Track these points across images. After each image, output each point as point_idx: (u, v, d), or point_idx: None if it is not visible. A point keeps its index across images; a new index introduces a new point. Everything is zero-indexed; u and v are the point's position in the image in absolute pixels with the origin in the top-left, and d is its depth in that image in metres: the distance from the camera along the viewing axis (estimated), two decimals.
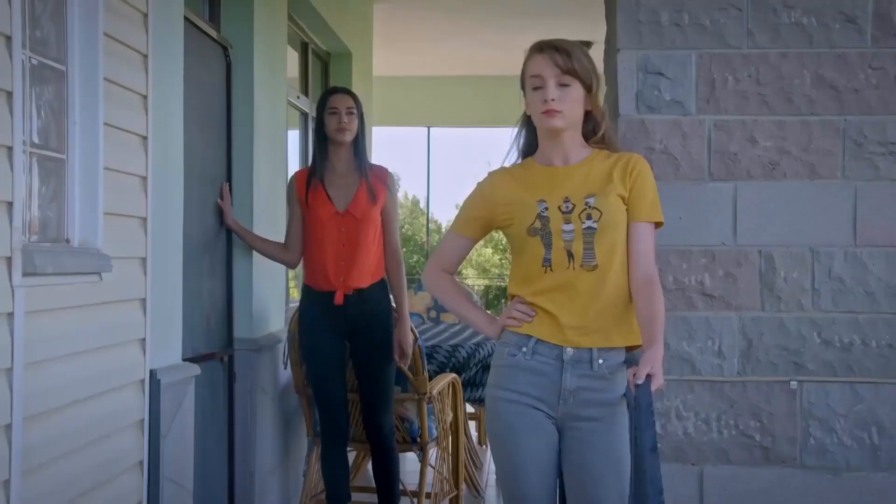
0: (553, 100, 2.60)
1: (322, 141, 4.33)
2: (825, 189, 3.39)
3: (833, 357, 3.39)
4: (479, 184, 2.77)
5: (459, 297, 2.82)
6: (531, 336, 2.63)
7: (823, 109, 3.39)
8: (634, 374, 2.43)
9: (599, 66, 2.74)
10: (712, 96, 3.40)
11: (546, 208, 2.63)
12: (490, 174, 2.76)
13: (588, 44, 2.71)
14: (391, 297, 4.35)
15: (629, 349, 2.62)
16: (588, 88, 2.62)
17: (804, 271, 3.39)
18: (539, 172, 2.68)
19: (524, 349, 2.63)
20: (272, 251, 4.41)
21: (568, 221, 2.60)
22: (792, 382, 3.40)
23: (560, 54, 2.61)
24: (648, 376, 2.41)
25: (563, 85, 2.60)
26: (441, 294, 2.83)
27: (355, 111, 4.32)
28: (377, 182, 4.29)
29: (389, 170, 4.43)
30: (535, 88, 2.61)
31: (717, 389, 3.40)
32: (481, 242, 24.42)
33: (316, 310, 4.24)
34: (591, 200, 2.61)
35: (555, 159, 2.67)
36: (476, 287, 19.75)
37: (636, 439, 2.38)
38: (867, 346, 3.38)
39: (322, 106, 4.34)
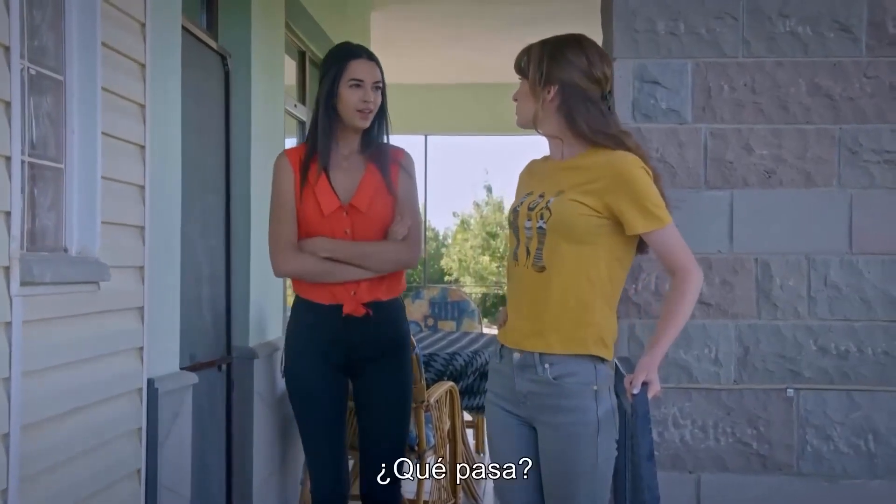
0: (515, 99, 2.70)
1: (331, 118, 3.18)
2: (821, 197, 3.40)
3: (829, 364, 3.39)
4: None
5: None
6: (500, 341, 2.70)
7: (819, 118, 3.40)
8: (630, 383, 2.43)
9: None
10: (708, 105, 3.41)
11: (521, 202, 2.64)
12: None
13: None
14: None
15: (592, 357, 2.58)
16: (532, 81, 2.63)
17: (800, 279, 3.40)
18: (545, 166, 2.70)
19: (497, 352, 2.69)
20: None
21: (529, 218, 2.60)
22: (788, 390, 3.40)
23: (518, 57, 2.70)
24: (645, 384, 2.42)
25: (520, 83, 2.70)
26: None
27: (381, 84, 3.23)
28: (390, 165, 3.24)
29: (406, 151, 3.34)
30: None
31: (714, 397, 3.41)
32: (479, 250, 24.43)
33: (311, 330, 3.22)
34: (552, 200, 2.57)
35: (553, 154, 2.69)
36: (473, 295, 19.74)
37: (633, 447, 2.39)
38: (863, 353, 3.39)
39: (337, 72, 3.19)
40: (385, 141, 3.26)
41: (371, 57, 3.24)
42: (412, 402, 3.37)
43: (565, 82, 2.59)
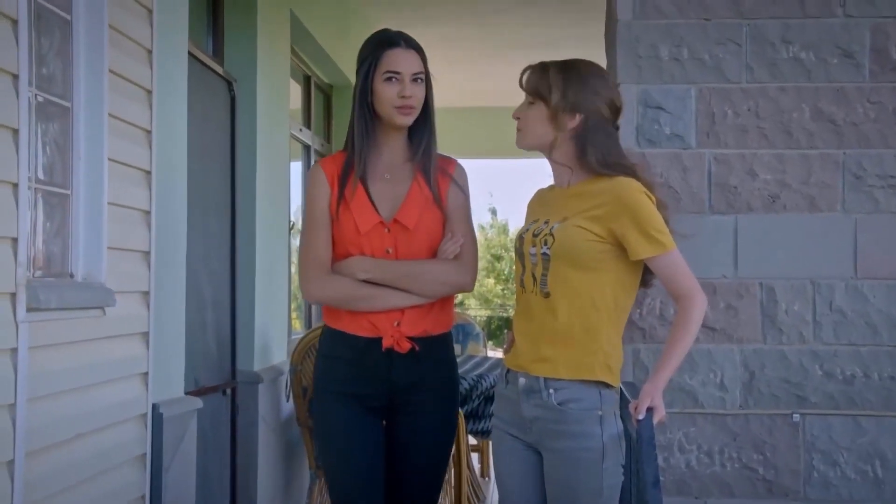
0: (518, 118, 2.63)
1: (367, 119, 2.76)
2: (825, 222, 3.40)
3: (835, 389, 3.39)
4: None
5: None
6: (506, 365, 2.68)
7: (823, 143, 3.41)
8: (636, 408, 2.43)
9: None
10: (712, 130, 3.42)
11: (527, 229, 2.64)
12: None
13: None
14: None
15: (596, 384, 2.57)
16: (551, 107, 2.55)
17: (805, 303, 3.40)
18: (551, 193, 2.70)
19: (504, 377, 2.68)
20: None
21: (534, 245, 2.59)
22: (794, 415, 3.40)
23: (527, 72, 2.64)
24: (650, 409, 2.42)
25: (530, 104, 2.62)
26: None
27: (423, 77, 2.79)
28: (439, 176, 2.84)
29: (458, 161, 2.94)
30: None
31: (720, 422, 3.40)
32: (483, 273, 24.41)
33: (346, 368, 2.76)
34: (555, 226, 2.56)
35: (559, 180, 2.68)
36: (478, 318, 19.72)
37: (638, 472, 2.38)
38: (869, 378, 3.38)
39: (370, 65, 2.76)
40: (431, 139, 2.82)
41: (410, 44, 2.77)
42: (451, 450, 2.93)
43: (591, 111, 2.56)
